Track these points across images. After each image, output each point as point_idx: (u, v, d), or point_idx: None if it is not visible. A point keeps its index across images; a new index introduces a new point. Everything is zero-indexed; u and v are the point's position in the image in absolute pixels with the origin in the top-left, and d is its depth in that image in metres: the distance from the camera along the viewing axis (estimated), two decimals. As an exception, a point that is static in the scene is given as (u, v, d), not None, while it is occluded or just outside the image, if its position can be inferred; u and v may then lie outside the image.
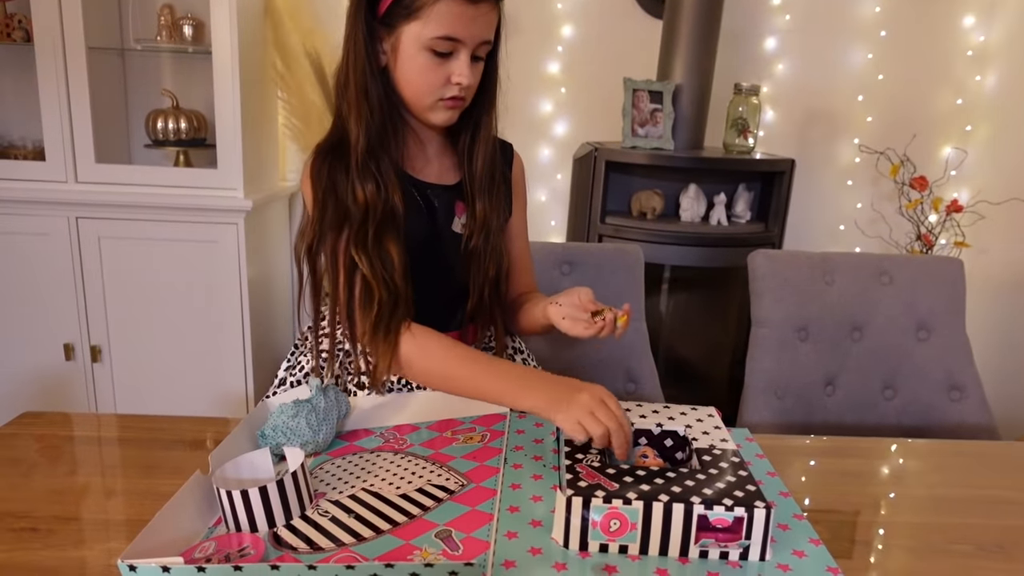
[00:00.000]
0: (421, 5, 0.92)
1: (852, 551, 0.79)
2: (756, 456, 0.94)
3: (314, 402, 0.93)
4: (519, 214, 1.18)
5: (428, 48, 0.94)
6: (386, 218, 0.98)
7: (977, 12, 2.45)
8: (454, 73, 0.96)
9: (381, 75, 0.99)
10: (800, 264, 1.55)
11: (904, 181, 2.49)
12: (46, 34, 1.98)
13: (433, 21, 0.92)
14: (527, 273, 1.22)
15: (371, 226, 0.97)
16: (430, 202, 1.06)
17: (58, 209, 2.06)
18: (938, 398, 1.54)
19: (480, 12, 0.94)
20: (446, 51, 0.95)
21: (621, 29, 2.44)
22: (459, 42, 0.94)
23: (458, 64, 0.96)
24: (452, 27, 0.93)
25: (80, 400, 2.20)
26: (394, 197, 0.99)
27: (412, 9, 0.93)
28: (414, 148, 1.07)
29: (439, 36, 0.93)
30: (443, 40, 0.94)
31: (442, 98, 0.98)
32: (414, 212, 1.04)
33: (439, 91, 0.98)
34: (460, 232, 1.08)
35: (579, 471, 0.76)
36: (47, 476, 0.90)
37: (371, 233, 0.97)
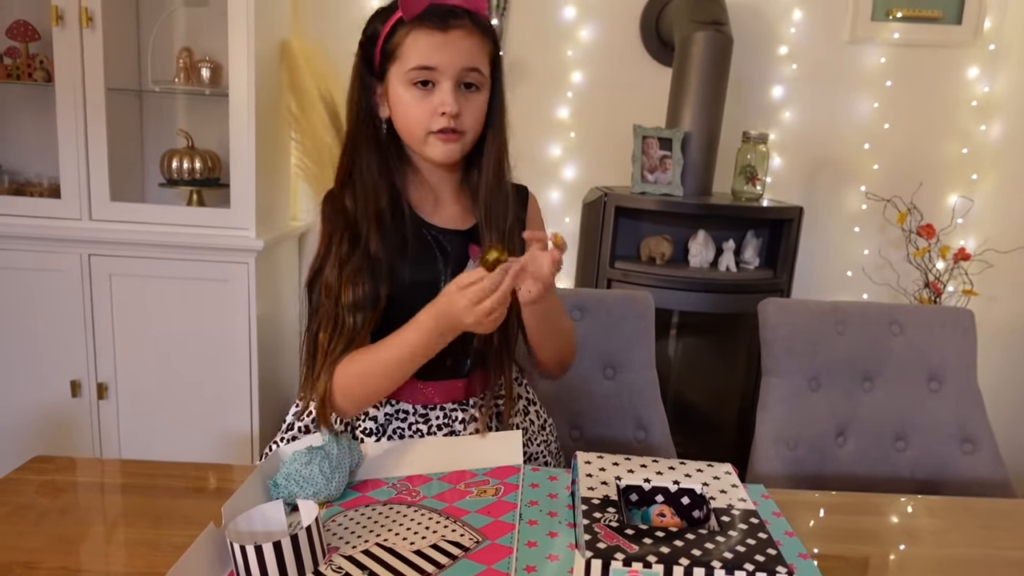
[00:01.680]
0: (397, 43, 0.97)
1: (873, 616, 0.78)
2: (773, 514, 0.93)
3: (327, 449, 0.93)
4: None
5: (410, 82, 0.98)
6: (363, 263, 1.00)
7: (981, 64, 2.48)
8: (438, 104, 0.97)
9: (388, 125, 1.04)
10: (810, 313, 1.55)
11: (911, 229, 2.50)
12: (67, 75, 2.02)
13: (407, 55, 0.97)
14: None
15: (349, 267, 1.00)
16: (442, 246, 1.07)
17: (71, 246, 2.08)
18: (951, 451, 1.53)
19: (451, 39, 0.96)
20: (425, 80, 0.97)
21: (630, 76, 2.48)
22: (435, 70, 0.97)
23: (440, 93, 0.97)
24: (424, 56, 0.96)
25: (85, 437, 2.19)
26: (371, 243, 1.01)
27: (391, 52, 0.98)
28: (425, 193, 1.09)
29: (414, 67, 0.96)
30: (419, 70, 0.97)
31: (431, 131, 0.99)
32: (424, 256, 1.05)
33: (427, 124, 0.99)
34: None
35: (597, 531, 0.75)
36: (57, 525, 0.89)
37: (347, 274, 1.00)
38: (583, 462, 0.94)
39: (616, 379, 1.54)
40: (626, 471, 0.91)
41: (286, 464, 0.92)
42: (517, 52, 2.44)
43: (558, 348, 1.13)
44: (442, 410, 1.10)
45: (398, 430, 1.09)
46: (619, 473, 0.91)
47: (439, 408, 1.10)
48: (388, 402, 1.09)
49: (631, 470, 0.91)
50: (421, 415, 1.09)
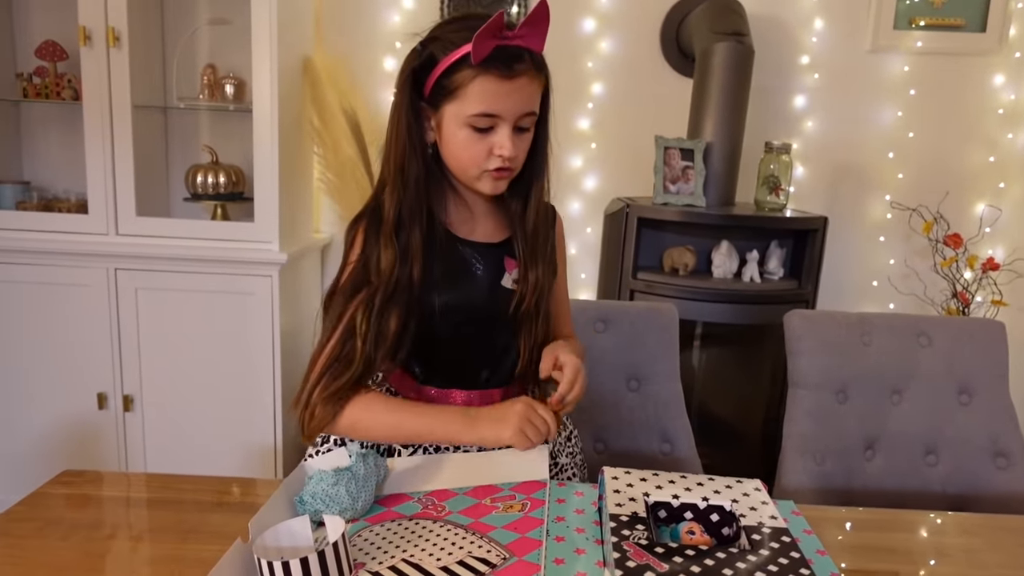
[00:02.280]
0: (458, 85, 0.96)
1: (910, 638, 0.76)
2: (804, 532, 0.92)
3: (355, 470, 0.93)
4: (561, 269, 1.20)
5: (468, 125, 0.97)
6: (398, 291, 1.01)
7: (1006, 71, 2.45)
8: (496, 146, 0.98)
9: (432, 149, 1.04)
10: (837, 324, 1.53)
11: (938, 238, 2.47)
12: (94, 93, 2.05)
13: (471, 99, 0.96)
14: (564, 322, 1.23)
15: (380, 295, 1.00)
16: (477, 261, 1.09)
17: (98, 261, 2.11)
18: (983, 466, 1.50)
19: (517, 87, 0.96)
20: (486, 127, 0.98)
21: (651, 87, 2.48)
22: (498, 117, 0.97)
23: (499, 137, 0.98)
24: (489, 104, 0.96)
25: (111, 449, 2.21)
26: (413, 270, 1.01)
27: (451, 89, 0.96)
28: (462, 211, 1.10)
29: (477, 113, 0.96)
30: (481, 117, 0.97)
31: (487, 169, 1.01)
32: (460, 272, 1.07)
33: (484, 164, 1.00)
34: (512, 288, 1.09)
35: (627, 549, 0.74)
36: (87, 540, 0.90)
37: (378, 303, 1.00)
38: (610, 478, 0.93)
39: (641, 391, 1.53)
40: (654, 487, 0.90)
41: (312, 482, 0.92)
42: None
43: None
44: None
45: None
46: (647, 489, 0.90)
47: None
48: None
49: (659, 486, 0.90)
50: None
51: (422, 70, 0.99)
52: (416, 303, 1.03)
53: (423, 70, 0.99)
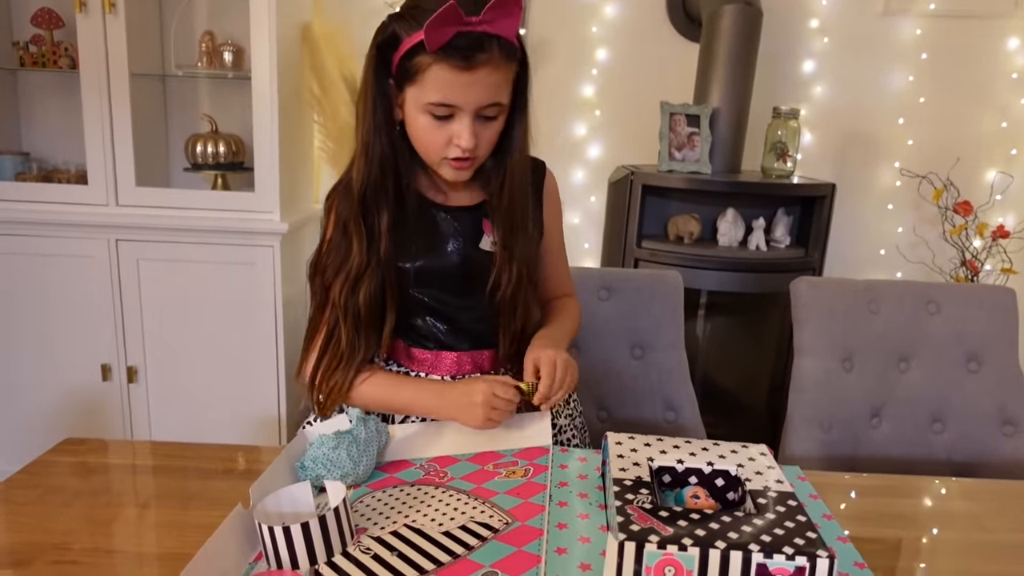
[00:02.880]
0: (417, 70, 0.92)
1: (916, 601, 0.76)
2: (810, 497, 0.91)
3: (355, 433, 0.92)
4: (555, 226, 1.18)
5: (427, 112, 0.94)
6: (369, 270, 1.01)
7: (1021, 35, 2.40)
8: (454, 136, 0.95)
9: (400, 127, 1.01)
10: (844, 292, 1.51)
11: (947, 206, 2.43)
12: (91, 62, 2.02)
13: (428, 87, 0.92)
14: (561, 281, 1.22)
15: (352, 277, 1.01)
16: (452, 225, 1.07)
17: (99, 232, 2.10)
18: (990, 433, 1.49)
19: (477, 78, 0.91)
20: (444, 115, 0.94)
21: (656, 52, 2.43)
22: (456, 107, 0.93)
23: (458, 127, 0.95)
24: (446, 94, 0.92)
25: (116, 420, 2.22)
26: (381, 247, 1.01)
27: (412, 73, 0.93)
28: (435, 179, 1.08)
29: (433, 102, 0.93)
30: (439, 106, 0.93)
31: (446, 157, 0.98)
32: (435, 236, 1.06)
33: (442, 151, 0.97)
34: (490, 249, 1.07)
35: (630, 513, 0.73)
36: (88, 506, 0.90)
37: (351, 285, 1.01)
38: (614, 443, 0.92)
39: (644, 360, 1.52)
40: (658, 452, 0.89)
41: (313, 447, 0.91)
42: (541, 30, 2.40)
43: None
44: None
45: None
46: (651, 454, 0.89)
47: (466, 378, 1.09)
48: (417, 375, 1.10)
49: (663, 451, 0.89)
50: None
51: (387, 47, 0.95)
52: (392, 273, 1.03)
53: (388, 47, 0.95)
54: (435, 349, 1.10)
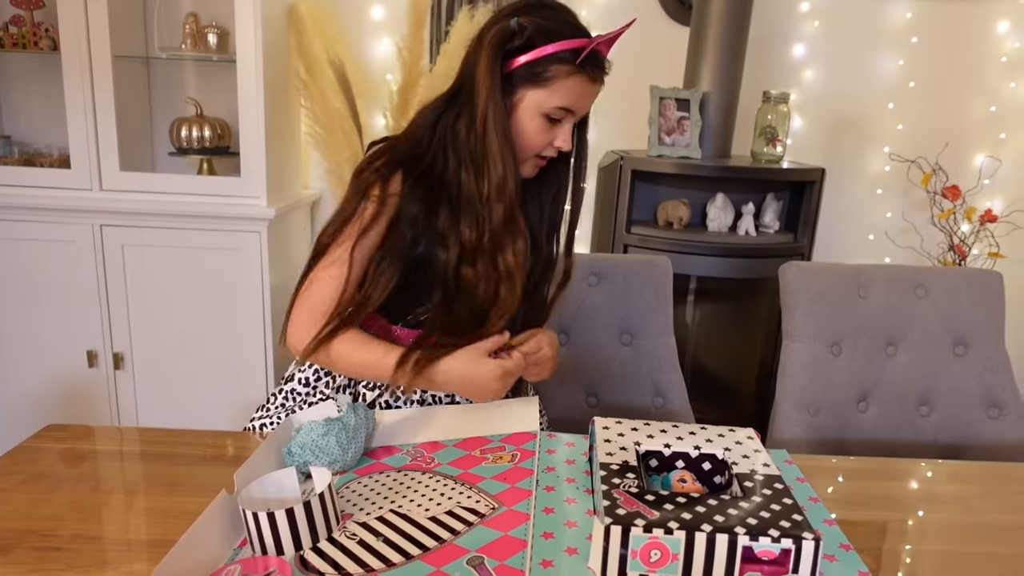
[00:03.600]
0: (552, 77, 0.98)
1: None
2: (797, 480, 0.91)
3: (345, 420, 0.91)
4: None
5: (546, 115, 1.00)
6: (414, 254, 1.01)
7: (1011, 18, 2.39)
8: (558, 138, 1.02)
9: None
10: (833, 276, 1.51)
11: (936, 190, 2.44)
12: (72, 43, 1.99)
13: (559, 93, 0.99)
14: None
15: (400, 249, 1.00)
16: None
17: (83, 217, 2.07)
18: (976, 416, 1.50)
19: (596, 89, 1.02)
20: (559, 118, 1.01)
21: (646, 36, 2.41)
22: (572, 113, 1.02)
23: (563, 131, 1.02)
24: (574, 101, 1.00)
25: (102, 407, 2.20)
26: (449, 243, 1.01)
27: (542, 78, 0.98)
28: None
29: (560, 106, 0.99)
30: (562, 110, 1.00)
31: (539, 155, 1.05)
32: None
33: (541, 150, 1.04)
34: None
35: (616, 497, 0.73)
36: (71, 492, 0.89)
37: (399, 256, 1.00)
38: (601, 428, 0.92)
39: (633, 346, 1.52)
40: (645, 436, 0.89)
41: (301, 433, 0.90)
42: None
43: None
44: None
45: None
46: (638, 439, 0.88)
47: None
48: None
49: (650, 435, 0.89)
50: None
51: (516, 49, 0.98)
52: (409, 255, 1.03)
53: (517, 50, 0.98)
54: (415, 328, 1.08)
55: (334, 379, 1.12)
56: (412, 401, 1.08)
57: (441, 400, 1.10)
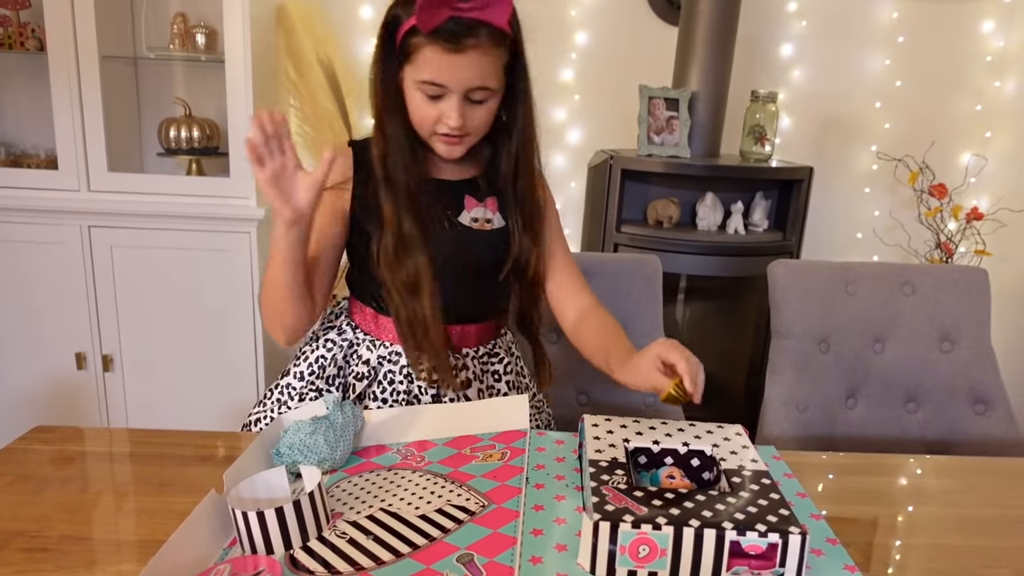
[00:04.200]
0: (412, 50, 0.96)
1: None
2: (785, 476, 0.92)
3: (332, 418, 0.91)
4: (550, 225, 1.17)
5: (419, 89, 0.98)
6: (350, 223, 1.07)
7: (996, 17, 2.41)
8: (443, 115, 0.99)
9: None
10: (821, 274, 1.52)
11: (923, 188, 2.45)
12: (59, 43, 1.98)
13: (420, 65, 0.96)
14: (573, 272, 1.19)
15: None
16: (439, 194, 1.08)
17: (70, 218, 2.06)
18: (963, 412, 1.51)
19: (467, 60, 0.95)
20: (435, 94, 0.98)
21: (636, 36, 2.42)
22: (444, 87, 0.97)
23: (447, 106, 0.98)
24: (436, 73, 0.96)
25: (92, 409, 2.19)
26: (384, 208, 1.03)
27: (407, 52, 0.97)
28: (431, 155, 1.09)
29: (424, 80, 0.97)
30: (428, 84, 0.97)
31: (437, 133, 1.02)
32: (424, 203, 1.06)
33: (432, 127, 1.01)
34: (469, 225, 1.09)
35: (605, 493, 0.73)
36: (59, 493, 0.88)
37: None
38: (590, 425, 0.92)
39: (623, 343, 1.52)
40: (634, 433, 0.90)
41: (289, 433, 0.90)
42: (519, 13, 2.37)
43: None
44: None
45: (388, 374, 1.09)
46: (627, 435, 0.89)
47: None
48: (381, 344, 1.11)
49: (639, 432, 0.90)
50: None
51: (392, 27, 0.99)
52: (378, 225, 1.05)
53: (393, 27, 0.99)
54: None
55: (329, 379, 1.12)
56: (399, 393, 1.09)
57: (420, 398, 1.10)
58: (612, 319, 1.13)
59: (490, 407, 1.06)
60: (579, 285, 1.18)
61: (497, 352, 1.17)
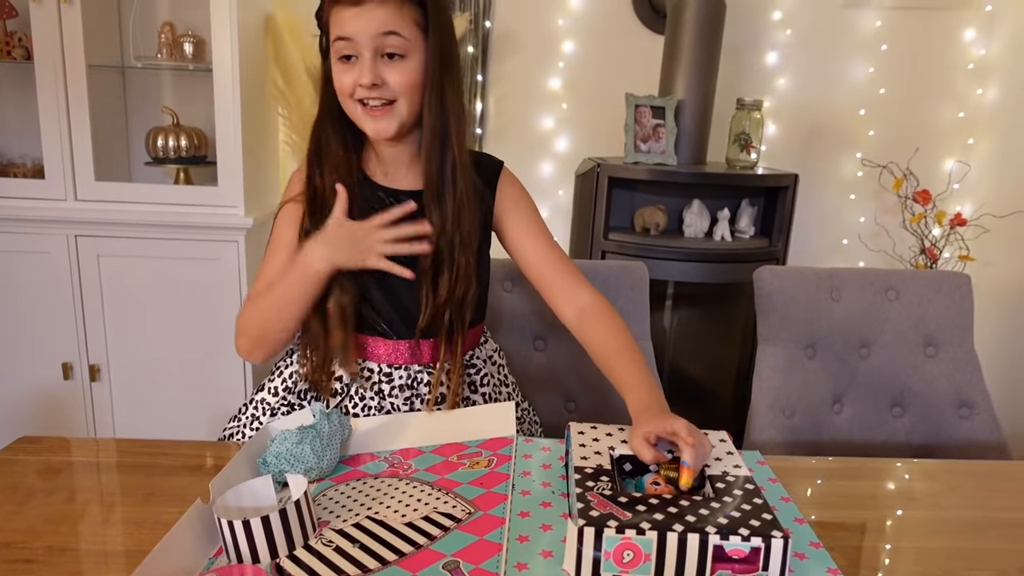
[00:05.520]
0: (325, 19, 1.00)
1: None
2: (769, 480, 0.92)
3: (319, 427, 0.91)
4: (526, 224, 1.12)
5: (337, 57, 0.99)
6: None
7: (977, 26, 2.45)
8: (357, 74, 0.98)
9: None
10: (807, 280, 1.53)
11: (907, 195, 2.48)
12: (46, 52, 1.98)
13: (331, 29, 0.99)
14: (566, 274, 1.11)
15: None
16: (385, 205, 1.05)
17: (57, 227, 2.05)
18: (947, 415, 1.52)
19: (366, 8, 0.96)
20: (349, 54, 0.98)
21: (622, 45, 2.44)
22: (353, 41, 0.97)
23: (359, 65, 0.98)
24: (341, 27, 0.97)
25: (78, 419, 2.18)
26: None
27: (324, 28, 1.01)
28: (380, 163, 1.09)
29: (334, 39, 0.98)
30: (339, 41, 0.97)
31: (362, 105, 1.00)
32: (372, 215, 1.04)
33: (350, 93, 1.00)
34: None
35: (590, 499, 0.74)
36: (44, 504, 0.88)
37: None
38: (576, 433, 0.92)
39: (611, 350, 1.52)
40: (619, 441, 0.90)
41: (275, 442, 0.90)
42: (507, 22, 2.39)
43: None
44: (407, 370, 1.09)
45: (360, 390, 1.09)
46: (613, 443, 0.89)
47: (403, 368, 1.09)
48: (354, 359, 1.09)
49: (624, 440, 0.90)
50: (385, 374, 1.08)
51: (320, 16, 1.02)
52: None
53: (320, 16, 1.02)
54: (369, 335, 1.08)
55: (301, 393, 1.12)
56: (371, 409, 1.09)
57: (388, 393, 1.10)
58: (614, 328, 1.08)
59: (477, 414, 1.06)
60: (571, 281, 1.10)
61: (474, 363, 1.15)
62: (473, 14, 2.31)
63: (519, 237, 1.12)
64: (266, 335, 1.06)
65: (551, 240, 1.13)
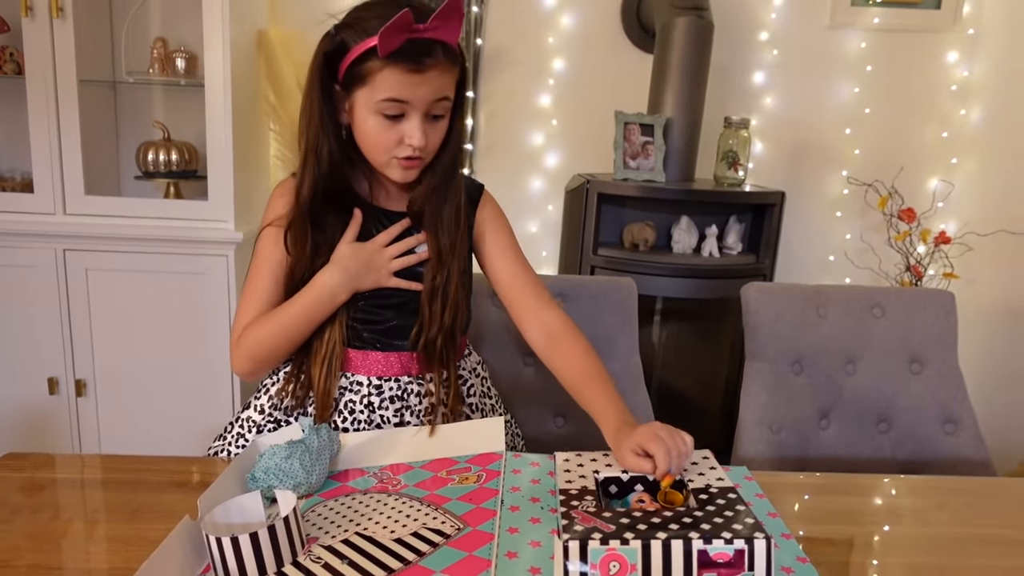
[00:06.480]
0: (368, 72, 0.96)
1: (856, 595, 0.78)
2: (756, 496, 0.93)
3: (307, 442, 0.91)
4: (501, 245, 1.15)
5: (378, 112, 0.98)
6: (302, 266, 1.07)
7: (960, 48, 2.49)
8: (406, 135, 0.99)
9: (347, 132, 1.04)
10: (793, 297, 1.55)
11: (892, 213, 2.51)
12: (38, 67, 1.98)
13: (380, 86, 0.96)
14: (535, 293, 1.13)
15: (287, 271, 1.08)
16: (383, 226, 1.09)
17: (46, 241, 2.04)
18: (932, 432, 1.54)
19: (427, 79, 0.96)
20: (396, 113, 0.98)
21: (612, 63, 2.47)
22: (407, 104, 0.97)
23: (409, 126, 0.98)
24: (399, 92, 0.96)
25: (64, 435, 2.16)
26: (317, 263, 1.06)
27: (362, 76, 0.97)
28: (377, 186, 1.11)
29: (387, 99, 0.96)
30: (390, 103, 0.96)
31: (396, 157, 1.01)
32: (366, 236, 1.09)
33: (393, 151, 1.01)
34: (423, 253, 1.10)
35: (575, 516, 0.74)
36: (29, 522, 0.87)
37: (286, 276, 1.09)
38: (562, 460, 0.93)
39: (600, 366, 1.53)
40: (604, 466, 0.91)
41: (264, 458, 0.90)
42: (498, 40, 2.42)
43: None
44: (396, 382, 1.09)
45: (349, 403, 1.09)
46: (597, 468, 0.90)
47: (393, 380, 1.09)
48: (343, 375, 1.09)
49: (609, 464, 0.91)
50: (375, 386, 1.09)
51: (334, 55, 0.99)
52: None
53: (335, 55, 0.99)
54: (362, 348, 1.09)
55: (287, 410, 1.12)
56: (360, 422, 1.09)
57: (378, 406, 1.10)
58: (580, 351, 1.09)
59: (466, 430, 1.06)
60: (538, 300, 1.12)
61: (460, 374, 1.15)
62: (464, 32, 2.33)
63: (493, 256, 1.15)
64: (274, 358, 1.09)
65: (523, 261, 1.16)
